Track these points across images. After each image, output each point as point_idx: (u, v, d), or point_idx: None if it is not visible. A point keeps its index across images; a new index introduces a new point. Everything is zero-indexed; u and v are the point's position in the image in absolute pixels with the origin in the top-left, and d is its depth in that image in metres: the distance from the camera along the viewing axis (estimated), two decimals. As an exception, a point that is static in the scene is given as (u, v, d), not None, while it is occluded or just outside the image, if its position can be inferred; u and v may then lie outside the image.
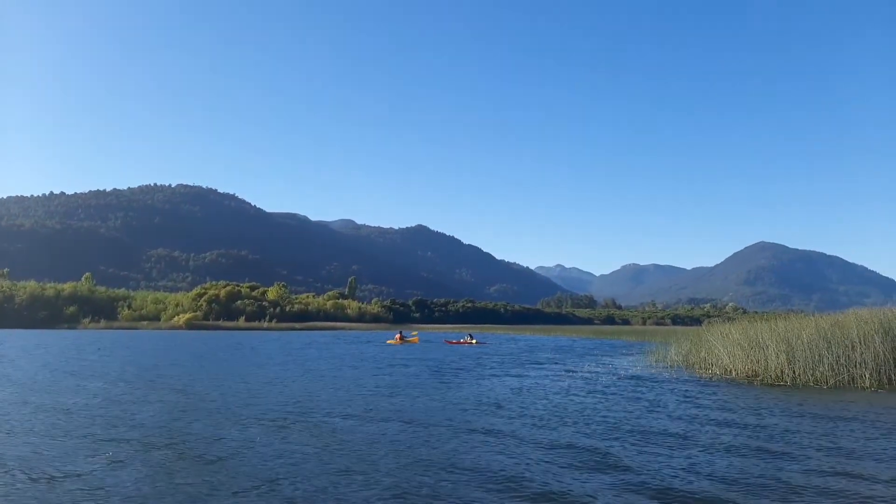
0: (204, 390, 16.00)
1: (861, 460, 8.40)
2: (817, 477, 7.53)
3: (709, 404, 13.61)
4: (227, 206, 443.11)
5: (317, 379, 19.27)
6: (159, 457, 8.44)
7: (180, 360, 28.18)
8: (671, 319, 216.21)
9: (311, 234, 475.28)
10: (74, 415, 11.87)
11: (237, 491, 6.94)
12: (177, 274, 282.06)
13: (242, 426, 10.68)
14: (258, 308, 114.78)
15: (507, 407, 13.25)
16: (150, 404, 13.37)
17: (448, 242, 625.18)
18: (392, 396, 14.94)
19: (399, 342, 45.65)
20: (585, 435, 10.12)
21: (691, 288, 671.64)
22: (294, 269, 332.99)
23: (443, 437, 9.90)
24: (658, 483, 7.32)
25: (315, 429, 10.47)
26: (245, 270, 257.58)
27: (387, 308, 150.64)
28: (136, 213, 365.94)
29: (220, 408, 12.84)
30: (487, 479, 7.44)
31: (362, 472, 7.70)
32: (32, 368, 22.60)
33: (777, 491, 7.00)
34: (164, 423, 11.01)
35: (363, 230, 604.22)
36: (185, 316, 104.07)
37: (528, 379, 19.75)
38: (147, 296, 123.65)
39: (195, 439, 9.59)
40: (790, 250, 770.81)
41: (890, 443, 9.49)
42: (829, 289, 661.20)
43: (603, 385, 17.73)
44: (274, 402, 13.84)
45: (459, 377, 20.23)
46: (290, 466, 7.98)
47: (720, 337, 22.24)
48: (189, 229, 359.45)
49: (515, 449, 9.08)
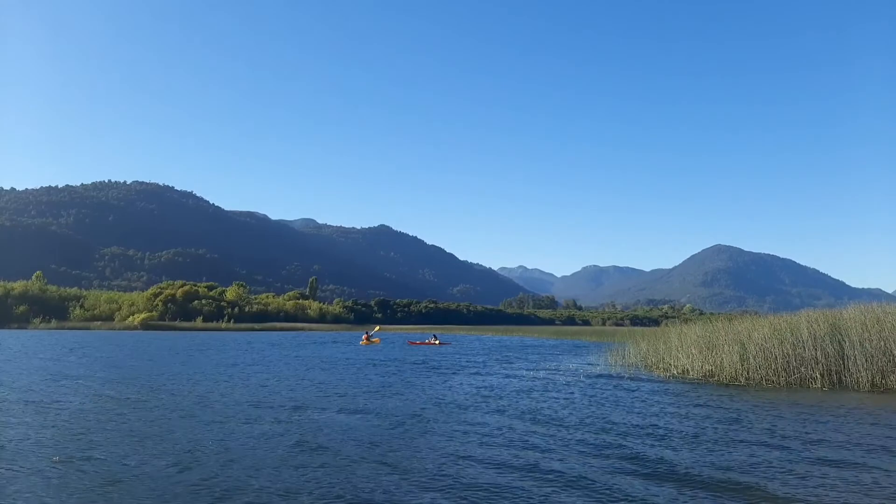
0: (169, 388, 15.54)
1: (808, 458, 8.56)
2: (762, 474, 7.64)
3: (665, 404, 13.76)
4: (184, 204, 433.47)
5: (296, 380, 18.93)
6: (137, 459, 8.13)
7: (138, 360, 27.39)
8: (630, 320, 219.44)
9: (271, 233, 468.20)
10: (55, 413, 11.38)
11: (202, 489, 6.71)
12: (131, 273, 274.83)
13: (223, 426, 10.37)
14: (216, 308, 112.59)
15: (469, 407, 13.18)
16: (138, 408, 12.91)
17: (411, 243, 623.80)
18: (361, 397, 14.73)
19: (367, 342, 45.41)
20: (545, 434, 10.11)
21: (650, 289, 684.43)
22: (253, 268, 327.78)
23: (406, 438, 9.77)
24: (613, 480, 7.33)
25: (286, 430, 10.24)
26: (203, 270, 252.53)
27: (349, 308, 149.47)
28: (90, 210, 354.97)
29: (184, 407, 12.46)
30: (437, 478, 7.35)
31: (326, 470, 7.53)
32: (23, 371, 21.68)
33: (726, 487, 7.07)
34: (150, 426, 10.62)
35: (325, 230, 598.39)
36: (141, 316, 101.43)
37: (491, 379, 19.74)
38: (100, 295, 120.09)
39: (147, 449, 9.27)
40: (745, 253, 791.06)
41: (835, 442, 9.69)
42: (783, 291, 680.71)
43: (563, 385, 17.81)
44: (252, 402, 13.51)
45: (424, 378, 20.09)
46: (270, 470, 7.76)
47: (678, 338, 22.62)
48: (145, 227, 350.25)
49: (477, 448, 9.01)
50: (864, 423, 11.19)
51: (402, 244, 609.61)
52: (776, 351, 17.78)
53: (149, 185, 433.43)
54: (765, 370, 17.79)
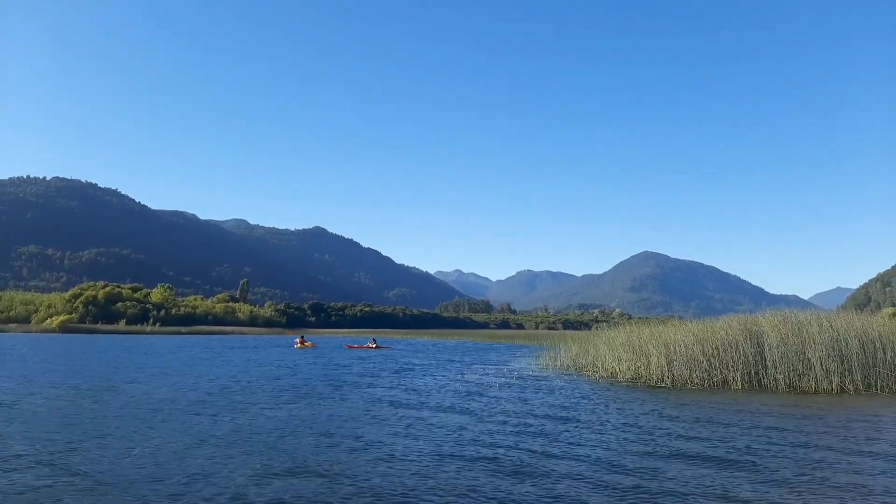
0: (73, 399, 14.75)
1: (728, 455, 8.89)
2: (688, 471, 7.88)
3: (593, 405, 14.04)
4: (108, 202, 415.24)
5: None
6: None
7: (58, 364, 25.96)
8: (562, 324, 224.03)
9: (200, 233, 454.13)
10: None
11: None
12: (50, 273, 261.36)
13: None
14: (141, 310, 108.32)
15: (404, 410, 13.08)
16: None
17: (347, 245, 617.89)
18: (294, 402, 14.39)
19: (301, 346, 44.83)
20: (476, 435, 10.14)
21: (581, 294, 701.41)
22: (181, 270, 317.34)
23: (337, 442, 9.60)
24: (539, 480, 7.40)
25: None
26: (127, 271, 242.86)
27: (281, 312, 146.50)
28: (6, 206, 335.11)
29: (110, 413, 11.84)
30: (363, 485, 7.25)
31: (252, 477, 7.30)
32: None
33: (653, 486, 7.25)
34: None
35: (257, 230, 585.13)
36: (59, 318, 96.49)
37: (426, 381, 19.68)
38: (15, 296, 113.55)
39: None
40: (672, 260, 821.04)
41: (752, 440, 10.11)
42: (706, 296, 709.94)
43: (495, 387, 17.93)
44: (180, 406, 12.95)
45: (362, 382, 19.84)
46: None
47: (607, 342, 23.23)
48: (65, 226, 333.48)
49: (412, 452, 8.94)
50: (777, 420, 11.72)
51: (338, 246, 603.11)
52: (699, 354, 18.47)
53: (70, 182, 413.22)
54: (689, 372, 18.46)
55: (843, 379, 16.66)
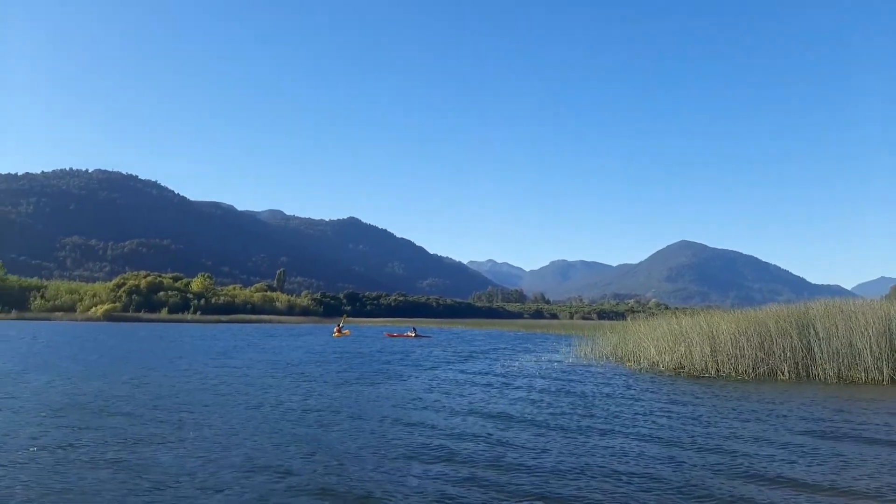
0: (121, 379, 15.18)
1: (781, 448, 8.71)
2: (739, 464, 7.75)
3: (640, 395, 13.91)
4: (148, 194, 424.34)
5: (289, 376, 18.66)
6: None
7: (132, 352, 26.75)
8: (597, 314, 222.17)
9: (237, 224, 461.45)
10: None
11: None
12: (93, 263, 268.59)
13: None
14: (181, 299, 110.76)
15: (443, 397, 13.15)
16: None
17: (380, 235, 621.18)
18: (344, 387, 14.59)
19: (339, 335, 45.08)
20: (526, 425, 10.13)
21: (616, 284, 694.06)
22: (219, 259, 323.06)
23: (395, 428, 9.70)
24: (590, 472, 7.35)
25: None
26: (167, 261, 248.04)
27: (317, 301, 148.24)
28: (50, 199, 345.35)
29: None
30: (427, 472, 7.31)
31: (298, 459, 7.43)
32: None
33: (700, 478, 7.15)
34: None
35: (292, 221, 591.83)
36: (104, 307, 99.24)
37: (469, 369, 19.71)
38: (61, 286, 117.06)
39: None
40: (709, 249, 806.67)
41: (807, 433, 9.89)
42: (745, 286, 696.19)
43: (536, 376, 17.90)
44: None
45: (410, 370, 19.99)
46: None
47: (647, 331, 22.92)
48: (107, 217, 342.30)
49: (459, 437, 8.98)
50: (829, 411, 11.45)
51: (372, 237, 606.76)
52: (745, 344, 18.12)
53: (111, 174, 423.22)
54: (734, 363, 18.13)
55: (894, 369, 16.20)
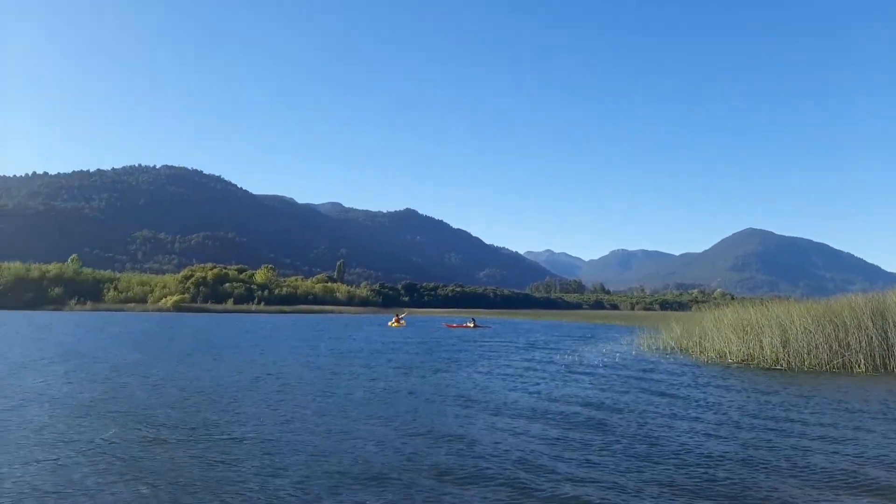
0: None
1: (857, 443, 8.34)
2: (817, 459, 7.46)
3: (708, 387, 13.56)
4: (212, 188, 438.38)
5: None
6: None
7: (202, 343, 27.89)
8: (659, 305, 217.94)
9: (298, 216, 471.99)
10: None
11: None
12: (162, 256, 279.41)
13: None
14: (246, 291, 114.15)
15: (505, 388, 13.13)
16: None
17: (437, 227, 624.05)
18: (410, 376, 14.78)
19: (396, 324, 45.59)
20: (593, 418, 10.03)
21: (679, 273, 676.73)
22: (281, 252, 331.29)
23: (459, 415, 9.77)
24: (665, 463, 7.22)
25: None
26: (232, 253, 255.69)
27: (376, 292, 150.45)
28: (121, 194, 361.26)
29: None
30: (494, 467, 7.32)
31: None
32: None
33: (780, 473, 6.92)
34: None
35: (351, 213, 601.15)
36: (173, 298, 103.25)
37: (533, 358, 19.64)
38: (133, 278, 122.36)
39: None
40: (778, 237, 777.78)
41: (886, 425, 9.45)
42: (816, 275, 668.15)
43: (598, 366, 17.68)
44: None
45: (471, 359, 20.08)
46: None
47: (713, 321, 22.29)
48: (174, 211, 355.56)
49: (525, 432, 8.96)
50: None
51: (428, 228, 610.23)
52: (818, 335, 17.40)
53: (177, 170, 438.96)
54: (806, 354, 17.44)
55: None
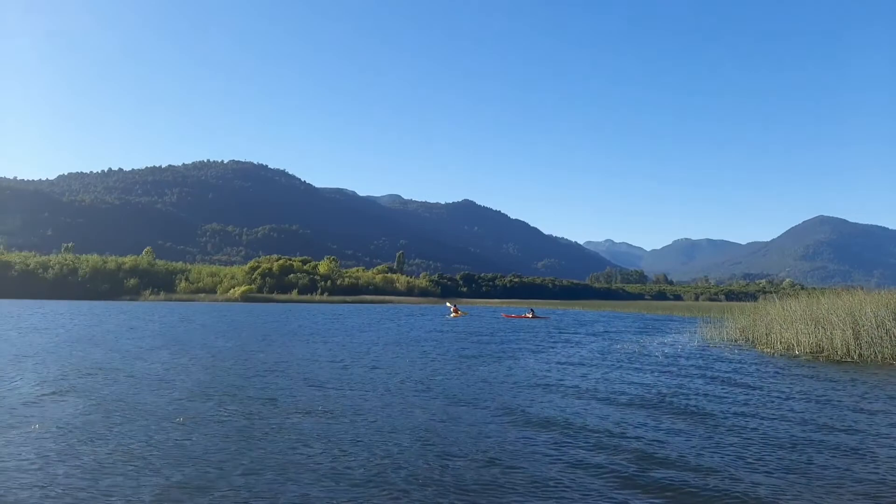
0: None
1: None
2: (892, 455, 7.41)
3: (776, 379, 13.39)
4: (277, 182, 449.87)
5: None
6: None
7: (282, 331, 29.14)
8: (725, 295, 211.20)
9: (359, 208, 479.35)
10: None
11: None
12: (231, 248, 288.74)
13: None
14: (310, 281, 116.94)
15: (568, 377, 13.33)
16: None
17: (495, 217, 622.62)
18: (483, 365, 15.18)
19: (455, 315, 45.62)
20: (660, 410, 10.14)
21: (746, 263, 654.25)
22: (343, 243, 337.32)
23: (520, 405, 10.06)
24: (734, 458, 7.32)
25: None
26: (296, 245, 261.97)
27: (435, 282, 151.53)
28: (191, 188, 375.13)
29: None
30: (554, 454, 7.58)
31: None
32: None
33: (854, 470, 6.93)
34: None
35: (410, 205, 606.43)
36: (241, 289, 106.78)
37: (593, 348, 19.68)
38: (203, 269, 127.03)
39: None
40: (851, 225, 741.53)
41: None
42: (892, 265, 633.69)
43: (659, 356, 17.60)
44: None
45: (530, 349, 20.30)
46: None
47: (781, 312, 21.75)
48: (241, 204, 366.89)
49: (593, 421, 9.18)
50: None
51: (486, 219, 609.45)
52: (893, 328, 16.83)
53: (244, 164, 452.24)
54: (881, 347, 16.90)
55: None
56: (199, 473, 6.48)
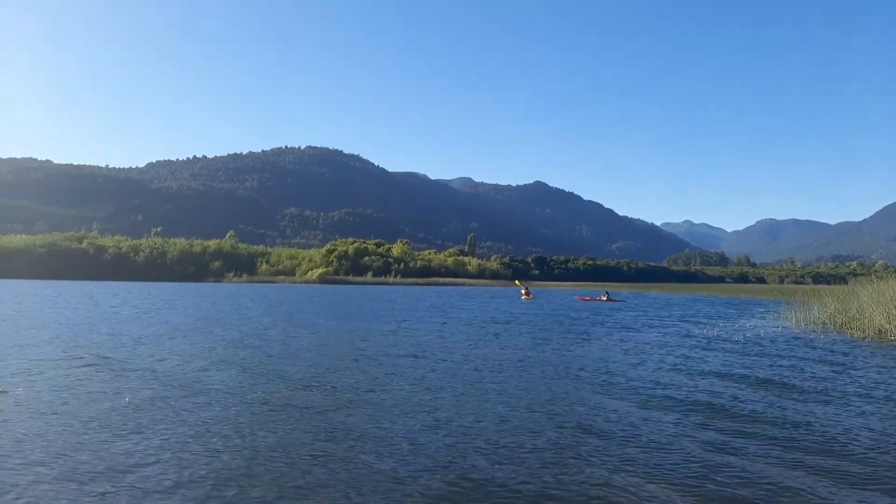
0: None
1: None
2: None
3: (868, 366, 12.92)
4: (352, 167, 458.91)
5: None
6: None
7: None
8: (812, 278, 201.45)
9: (431, 192, 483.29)
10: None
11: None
12: (308, 231, 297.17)
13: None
14: (384, 264, 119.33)
15: (646, 363, 13.30)
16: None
17: (567, 198, 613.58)
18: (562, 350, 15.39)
19: (527, 298, 45.56)
20: (746, 396, 10.06)
21: (835, 244, 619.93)
22: (415, 226, 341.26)
23: (599, 387, 10.20)
24: (827, 447, 7.25)
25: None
26: (370, 228, 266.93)
27: (506, 265, 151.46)
28: (271, 174, 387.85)
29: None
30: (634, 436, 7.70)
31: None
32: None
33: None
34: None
35: (481, 188, 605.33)
36: (318, 271, 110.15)
37: (671, 335, 19.41)
38: (282, 252, 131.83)
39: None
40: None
41: None
42: None
43: (741, 343, 17.20)
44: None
45: (606, 332, 20.28)
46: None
47: (873, 296, 20.77)
48: (318, 189, 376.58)
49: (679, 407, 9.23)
50: None
51: (559, 200, 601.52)
52: None
53: (320, 150, 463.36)
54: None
55: None
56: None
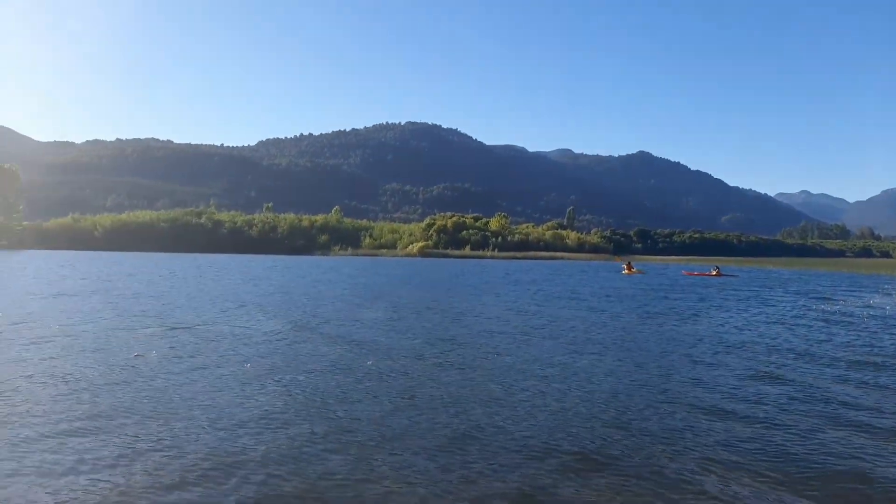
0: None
1: None
2: None
3: None
4: (450, 141, 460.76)
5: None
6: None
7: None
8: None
9: (529, 165, 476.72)
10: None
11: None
12: (409, 206, 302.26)
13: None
14: (482, 238, 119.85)
15: (758, 339, 12.96)
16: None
17: (672, 169, 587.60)
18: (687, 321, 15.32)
19: (629, 272, 44.82)
20: (874, 381, 9.71)
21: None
22: (513, 200, 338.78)
23: (713, 364, 10.14)
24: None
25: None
26: (468, 202, 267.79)
27: (607, 238, 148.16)
28: (372, 150, 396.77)
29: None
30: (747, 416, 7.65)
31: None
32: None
33: None
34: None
35: (581, 159, 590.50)
36: (419, 244, 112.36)
37: (786, 313, 18.68)
38: (384, 226, 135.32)
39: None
40: None
41: None
42: None
43: (864, 320, 16.29)
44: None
45: (715, 309, 19.81)
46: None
47: None
48: (418, 164, 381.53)
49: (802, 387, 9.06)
50: None
51: (663, 171, 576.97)
52: None
53: (419, 125, 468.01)
54: None
55: None
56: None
